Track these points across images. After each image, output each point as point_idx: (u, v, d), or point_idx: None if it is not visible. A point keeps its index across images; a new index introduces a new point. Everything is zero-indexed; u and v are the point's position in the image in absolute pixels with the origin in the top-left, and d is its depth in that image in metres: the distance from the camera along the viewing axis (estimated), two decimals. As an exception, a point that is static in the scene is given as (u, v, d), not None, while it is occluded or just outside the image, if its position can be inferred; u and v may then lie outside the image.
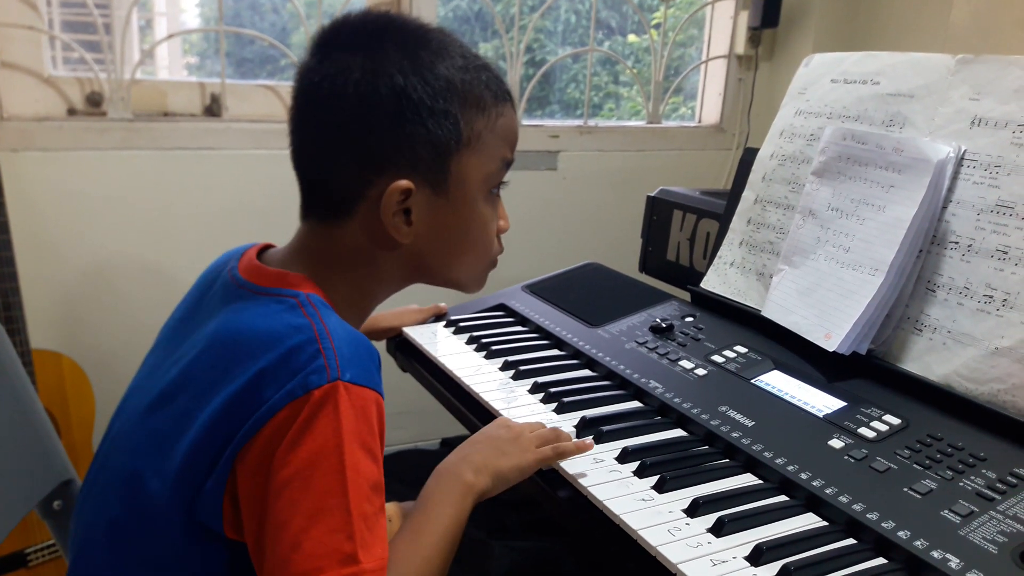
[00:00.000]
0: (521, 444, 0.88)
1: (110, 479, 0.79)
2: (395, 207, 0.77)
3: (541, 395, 1.06)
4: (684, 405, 0.99)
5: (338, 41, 0.78)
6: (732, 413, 0.96)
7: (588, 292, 1.38)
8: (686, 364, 1.08)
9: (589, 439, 0.92)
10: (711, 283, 1.26)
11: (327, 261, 0.80)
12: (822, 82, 1.19)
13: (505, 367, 1.15)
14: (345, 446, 0.66)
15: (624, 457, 0.90)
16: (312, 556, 0.63)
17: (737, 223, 1.25)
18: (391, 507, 1.16)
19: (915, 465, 0.82)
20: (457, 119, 0.78)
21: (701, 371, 1.06)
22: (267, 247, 0.86)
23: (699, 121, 2.63)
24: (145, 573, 0.75)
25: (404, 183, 0.76)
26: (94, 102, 1.86)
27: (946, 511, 0.75)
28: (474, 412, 1.07)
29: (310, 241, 0.82)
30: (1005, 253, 0.91)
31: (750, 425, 0.93)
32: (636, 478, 0.86)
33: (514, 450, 0.87)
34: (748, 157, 1.27)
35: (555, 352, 1.22)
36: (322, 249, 0.81)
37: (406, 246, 0.80)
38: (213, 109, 1.98)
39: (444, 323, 1.33)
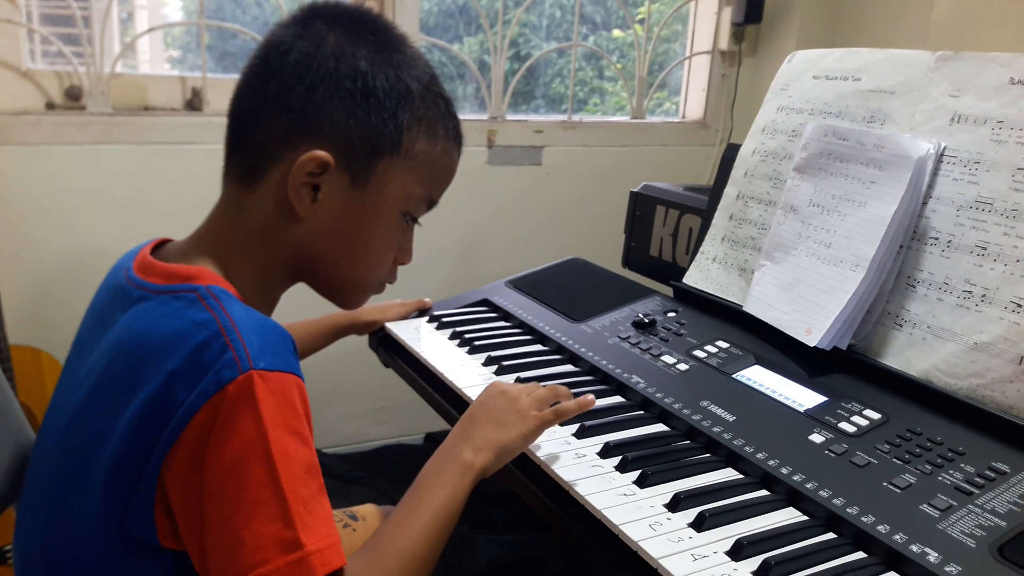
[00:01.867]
0: (520, 410, 0.87)
1: (37, 502, 0.78)
2: (304, 177, 0.75)
3: (524, 391, 1.05)
4: (666, 400, 0.99)
5: (323, 15, 0.78)
6: (714, 408, 0.96)
7: (571, 287, 1.38)
8: (668, 359, 1.09)
9: (590, 396, 0.92)
10: (693, 278, 1.26)
11: (229, 241, 0.79)
12: (804, 78, 1.20)
13: (488, 362, 1.15)
14: (270, 434, 0.64)
15: (606, 452, 0.90)
16: (255, 549, 0.62)
17: (719, 219, 1.26)
18: (368, 508, 1.16)
19: (895, 460, 0.83)
20: (402, 127, 0.78)
21: (683, 366, 1.07)
22: (164, 242, 0.84)
23: (683, 116, 2.63)
24: None
25: (322, 154, 0.75)
26: (73, 96, 1.84)
27: (925, 505, 0.76)
28: (457, 408, 1.07)
29: (217, 216, 0.81)
30: (984, 249, 0.92)
31: (731, 420, 0.93)
32: (618, 473, 0.86)
33: (514, 419, 0.86)
34: (730, 153, 1.27)
35: (538, 347, 1.22)
36: (227, 223, 0.79)
37: (303, 227, 0.78)
38: (194, 103, 1.96)
39: (427, 318, 1.33)
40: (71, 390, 0.78)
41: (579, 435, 0.94)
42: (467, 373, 1.12)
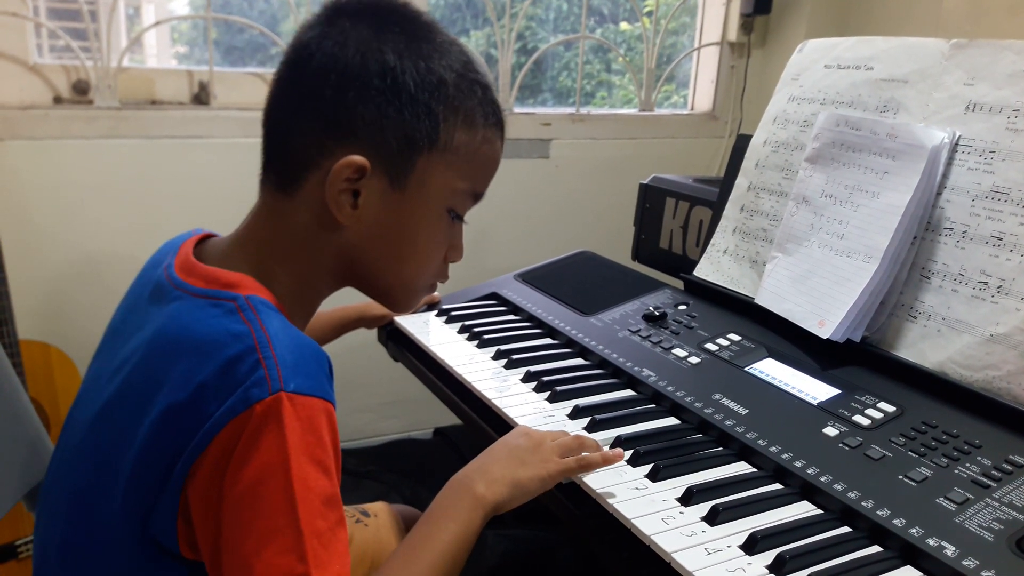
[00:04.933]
0: (542, 453, 0.83)
1: (58, 498, 0.77)
2: (343, 184, 0.72)
3: (533, 384, 1.05)
4: (677, 393, 0.98)
5: (346, 11, 0.75)
6: (726, 401, 0.95)
7: (581, 280, 1.38)
8: (679, 352, 1.08)
9: (619, 449, 0.87)
10: (704, 271, 1.25)
11: (270, 248, 0.76)
12: (816, 68, 1.18)
13: (497, 356, 1.14)
14: (292, 462, 0.63)
15: (618, 446, 0.89)
16: None
17: (730, 210, 1.25)
18: (379, 505, 1.15)
19: (910, 452, 0.82)
20: (438, 120, 0.74)
21: (694, 359, 1.06)
22: (207, 237, 0.82)
23: (692, 109, 2.62)
24: None
25: (358, 159, 0.72)
26: (81, 90, 1.84)
27: (941, 498, 0.75)
28: (466, 402, 1.06)
29: (256, 223, 0.78)
30: (1000, 239, 0.91)
31: (744, 413, 0.92)
32: (629, 467, 0.86)
33: (534, 459, 0.82)
34: (741, 144, 1.26)
35: (547, 341, 1.21)
36: (267, 232, 0.77)
37: (346, 233, 0.75)
38: (201, 97, 1.95)
39: (436, 312, 1.32)
40: (99, 384, 0.76)
41: (590, 429, 0.93)
42: (476, 367, 1.11)
